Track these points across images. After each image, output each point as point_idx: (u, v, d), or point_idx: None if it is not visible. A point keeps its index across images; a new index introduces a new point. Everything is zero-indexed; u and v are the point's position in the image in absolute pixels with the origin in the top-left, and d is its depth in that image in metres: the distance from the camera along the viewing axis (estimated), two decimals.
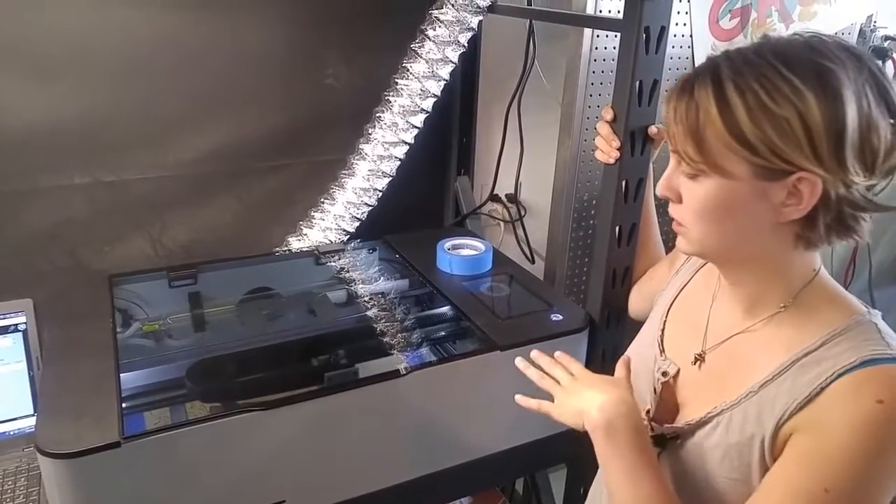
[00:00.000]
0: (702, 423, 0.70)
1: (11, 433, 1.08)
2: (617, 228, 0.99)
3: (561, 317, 1.05)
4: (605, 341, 1.05)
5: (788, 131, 0.59)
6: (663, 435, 0.74)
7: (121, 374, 0.89)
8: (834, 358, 0.62)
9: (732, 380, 0.70)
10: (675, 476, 0.73)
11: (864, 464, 0.58)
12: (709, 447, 0.69)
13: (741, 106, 0.60)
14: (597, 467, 0.89)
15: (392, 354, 1.02)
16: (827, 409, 0.61)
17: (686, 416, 0.73)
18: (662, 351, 0.80)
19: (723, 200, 0.64)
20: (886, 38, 1.77)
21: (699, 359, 0.75)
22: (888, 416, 0.58)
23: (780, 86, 0.59)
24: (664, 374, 0.77)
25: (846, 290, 0.69)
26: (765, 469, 0.65)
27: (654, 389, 0.78)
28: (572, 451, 1.14)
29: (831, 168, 0.59)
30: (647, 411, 0.77)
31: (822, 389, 0.61)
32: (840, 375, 0.61)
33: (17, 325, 1.09)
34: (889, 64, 1.83)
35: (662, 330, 0.82)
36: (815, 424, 0.61)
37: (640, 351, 0.85)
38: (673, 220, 0.71)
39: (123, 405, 0.84)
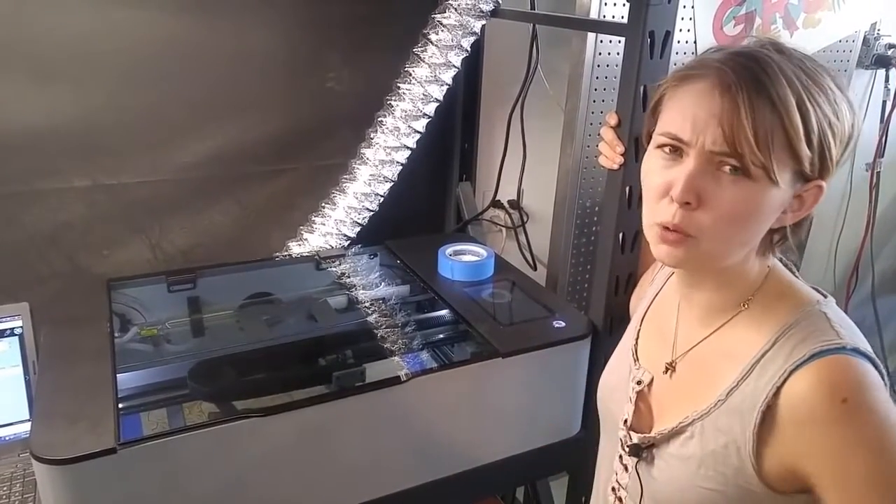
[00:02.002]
0: (675, 433, 0.70)
1: (6, 438, 1.07)
2: (620, 235, 0.98)
3: (563, 324, 1.04)
4: (608, 349, 1.03)
5: (844, 143, 0.61)
6: (639, 444, 0.74)
7: (118, 377, 0.88)
8: (786, 355, 0.63)
9: (701, 388, 0.70)
10: (652, 486, 0.73)
11: (889, 453, 0.58)
12: (684, 457, 0.69)
13: (813, 117, 0.60)
14: None
15: (392, 361, 1.01)
16: (804, 428, 0.60)
17: (660, 426, 0.73)
18: (637, 360, 0.80)
19: (757, 206, 0.62)
20: (890, 46, 1.77)
21: (670, 368, 0.75)
22: (859, 409, 0.59)
23: (837, 98, 0.61)
24: (638, 382, 0.77)
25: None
26: (742, 477, 0.64)
27: (630, 398, 0.77)
28: (574, 460, 1.13)
29: (831, 174, 0.62)
30: (625, 420, 0.77)
31: (778, 389, 0.62)
32: (792, 372, 0.61)
33: (13, 328, 1.08)
34: (893, 72, 1.83)
35: (637, 339, 0.82)
36: (811, 452, 0.61)
37: (619, 359, 0.85)
38: (670, 229, 0.64)
39: (120, 406, 0.83)
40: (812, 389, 0.60)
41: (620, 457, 0.77)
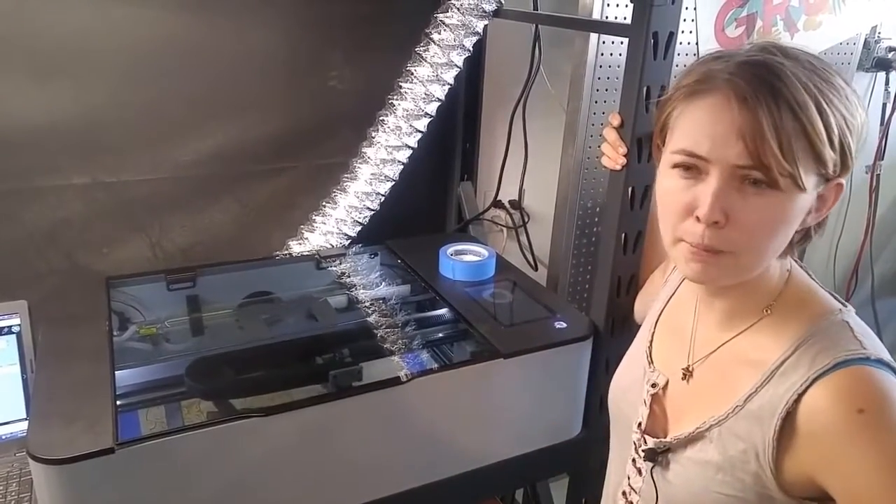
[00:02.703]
0: (693, 439, 0.70)
1: (3, 437, 1.06)
2: (622, 236, 0.98)
3: (565, 324, 1.04)
4: (610, 350, 1.03)
5: (859, 139, 0.61)
6: (654, 449, 0.73)
7: (116, 375, 0.88)
8: (809, 362, 0.62)
9: (720, 393, 0.69)
10: (667, 490, 0.72)
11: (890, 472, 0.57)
12: (701, 462, 0.69)
13: (832, 119, 0.59)
14: (598, 477, 0.88)
15: (393, 361, 1.00)
16: (820, 439, 0.60)
17: (676, 430, 0.73)
18: (651, 362, 0.79)
19: (786, 214, 0.62)
20: (890, 49, 1.77)
21: (687, 373, 0.74)
22: (875, 424, 0.58)
23: (848, 94, 0.60)
24: (653, 385, 0.77)
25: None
26: (760, 483, 0.64)
27: (645, 401, 0.77)
28: (575, 461, 1.13)
29: (850, 171, 0.63)
30: (639, 424, 0.76)
31: (800, 396, 0.61)
32: (815, 381, 0.61)
33: (10, 326, 1.07)
34: (893, 75, 1.83)
35: (651, 341, 0.82)
36: (825, 465, 0.60)
37: (632, 361, 0.84)
38: (704, 248, 0.63)
39: (118, 403, 0.83)
40: (831, 400, 0.60)
41: (633, 460, 0.77)
